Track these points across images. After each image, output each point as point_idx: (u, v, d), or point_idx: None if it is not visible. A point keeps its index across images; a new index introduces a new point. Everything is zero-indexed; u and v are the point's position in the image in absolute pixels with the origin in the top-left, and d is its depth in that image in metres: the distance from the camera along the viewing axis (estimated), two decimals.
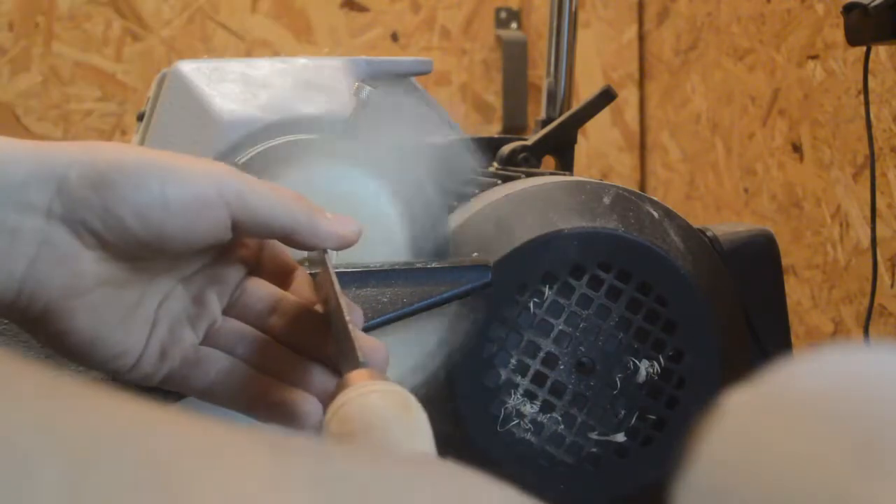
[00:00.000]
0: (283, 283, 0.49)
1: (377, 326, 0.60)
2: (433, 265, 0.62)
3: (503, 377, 0.66)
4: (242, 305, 0.47)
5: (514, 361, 0.66)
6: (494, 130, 1.93)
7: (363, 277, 0.60)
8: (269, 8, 1.87)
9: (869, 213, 1.08)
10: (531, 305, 0.66)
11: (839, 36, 1.27)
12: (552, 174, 0.80)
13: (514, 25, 1.96)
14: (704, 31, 1.74)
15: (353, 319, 0.43)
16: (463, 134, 0.91)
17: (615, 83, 1.92)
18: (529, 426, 0.66)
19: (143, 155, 0.43)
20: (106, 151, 0.42)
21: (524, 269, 0.66)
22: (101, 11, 1.80)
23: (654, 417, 0.68)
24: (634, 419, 0.67)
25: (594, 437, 0.67)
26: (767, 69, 1.56)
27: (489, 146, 0.89)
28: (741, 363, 0.70)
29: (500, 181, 0.77)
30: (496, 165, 0.87)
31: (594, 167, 1.96)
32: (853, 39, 0.97)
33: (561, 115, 1.00)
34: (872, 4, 0.92)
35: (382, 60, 0.84)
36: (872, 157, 1.09)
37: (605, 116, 1.92)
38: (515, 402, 0.66)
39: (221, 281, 0.47)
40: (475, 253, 0.67)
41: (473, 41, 1.95)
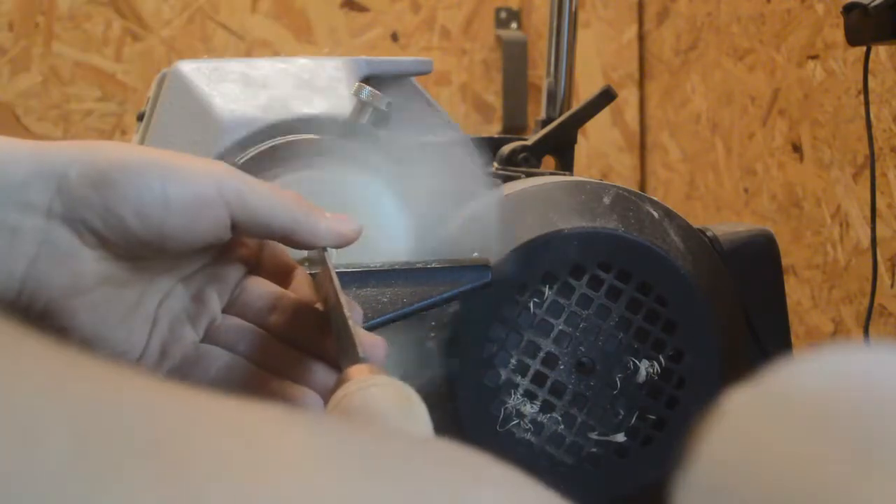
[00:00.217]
0: (282, 282, 0.49)
1: (377, 326, 0.60)
2: (433, 265, 0.62)
3: (503, 377, 0.66)
4: (242, 304, 0.47)
5: (514, 361, 0.66)
6: (494, 130, 1.93)
7: (363, 277, 0.60)
8: (269, 8, 1.87)
9: (869, 213, 1.08)
10: (531, 305, 0.66)
11: (839, 36, 1.27)
12: (552, 174, 0.80)
13: (514, 25, 1.96)
14: (704, 31, 1.74)
15: (352, 316, 0.43)
16: (463, 134, 0.92)
17: (615, 83, 1.92)
18: (529, 426, 0.66)
19: (143, 154, 0.43)
20: (106, 150, 0.42)
21: (524, 269, 0.66)
22: (101, 11, 1.80)
23: (654, 417, 0.68)
24: (634, 419, 0.67)
25: (594, 437, 0.67)
26: (767, 69, 1.56)
27: (489, 146, 0.89)
28: (741, 363, 0.70)
29: (500, 181, 0.77)
30: (496, 165, 0.87)
31: (594, 167, 1.96)
32: (853, 39, 0.97)
33: (561, 115, 1.00)
34: (872, 4, 0.92)
35: (382, 60, 0.84)
36: (872, 157, 1.09)
37: (605, 116, 1.92)
38: (515, 402, 0.66)
39: (221, 280, 0.47)
40: (475, 253, 0.67)
41: (473, 41, 1.95)
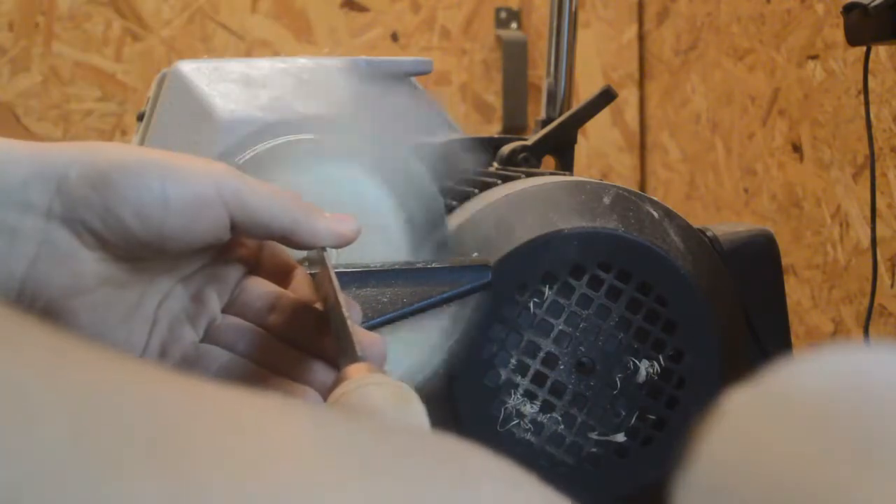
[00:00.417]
0: (282, 282, 0.49)
1: (377, 326, 0.60)
2: (433, 265, 0.62)
3: (503, 377, 0.66)
4: (242, 303, 0.47)
5: (514, 361, 0.66)
6: (494, 130, 1.93)
7: (363, 277, 0.60)
8: (269, 8, 1.87)
9: (869, 213, 1.08)
10: (531, 305, 0.66)
11: (839, 36, 1.27)
12: (552, 174, 0.80)
13: (514, 25, 1.96)
14: (704, 31, 1.74)
15: (351, 315, 0.43)
16: (463, 134, 0.92)
17: (615, 83, 1.92)
18: (529, 426, 0.66)
19: (142, 154, 0.43)
20: (106, 151, 0.42)
21: (524, 269, 0.66)
22: (101, 11, 1.80)
23: (654, 417, 0.68)
24: (634, 419, 0.67)
25: (594, 437, 0.67)
26: (767, 69, 1.56)
27: (489, 146, 0.89)
28: (741, 363, 0.70)
29: (500, 181, 0.77)
30: (496, 165, 0.87)
31: (594, 167, 1.96)
32: (853, 39, 0.97)
33: (561, 115, 1.00)
34: (872, 4, 0.92)
35: (382, 60, 0.84)
36: (872, 157, 1.09)
37: (605, 116, 1.92)
38: (515, 402, 0.66)
39: (221, 280, 0.47)
40: (475, 253, 0.67)
41: (473, 41, 1.95)
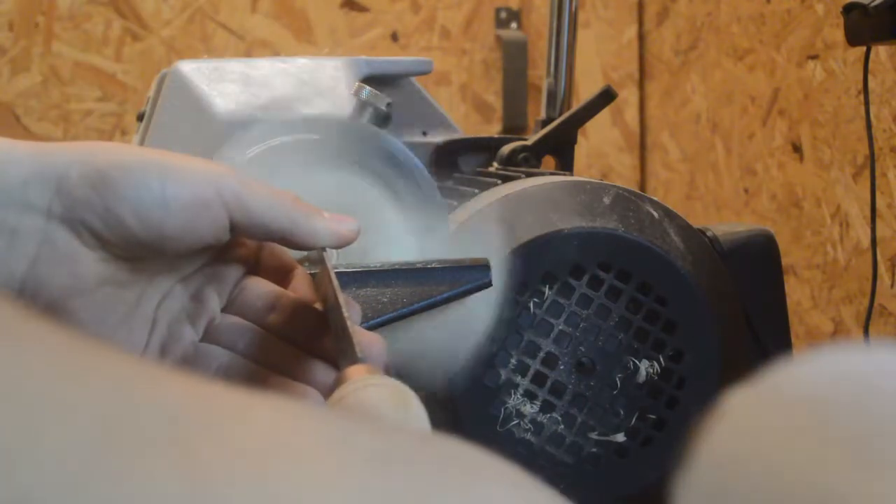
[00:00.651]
0: (282, 282, 0.49)
1: (377, 326, 0.60)
2: (433, 265, 0.62)
3: (503, 377, 0.66)
4: (241, 303, 0.47)
5: (514, 361, 0.66)
6: (494, 130, 1.93)
7: (363, 277, 0.60)
8: (269, 8, 1.87)
9: (869, 213, 1.08)
10: (531, 305, 0.66)
11: (839, 36, 1.27)
12: (552, 174, 0.80)
13: (514, 25, 1.96)
14: (704, 31, 1.74)
15: (351, 316, 0.43)
16: (463, 134, 0.92)
17: (615, 83, 1.92)
18: (529, 426, 0.66)
19: (142, 155, 0.43)
20: (106, 151, 0.42)
21: (524, 269, 0.66)
22: (101, 11, 1.80)
23: (654, 417, 0.68)
24: (634, 419, 0.67)
25: (594, 437, 0.67)
26: (767, 69, 1.56)
27: (489, 146, 0.89)
28: (741, 363, 0.70)
29: (500, 181, 0.77)
30: (496, 165, 0.87)
31: (594, 167, 1.96)
32: (853, 39, 0.97)
33: (561, 115, 1.00)
34: (872, 4, 0.92)
35: (382, 60, 0.84)
36: (872, 157, 1.09)
37: (605, 116, 1.92)
38: (515, 402, 0.66)
39: (220, 279, 0.47)
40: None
41: (473, 41, 1.95)
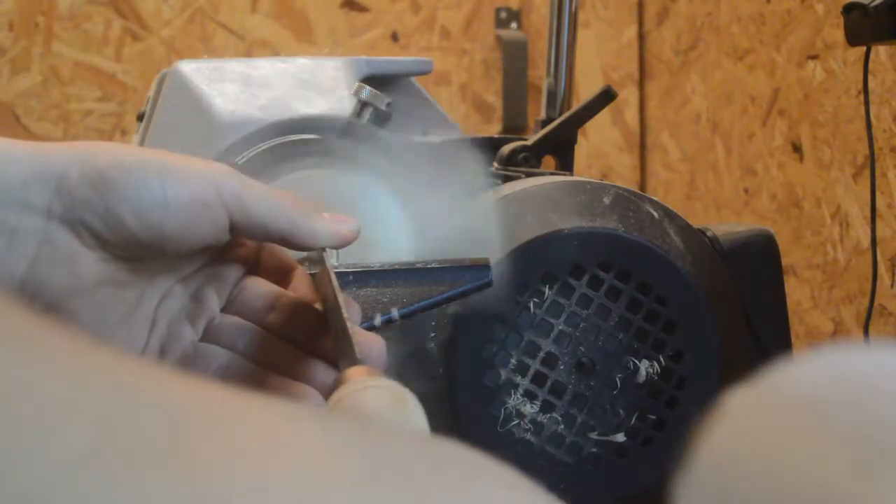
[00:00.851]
0: (282, 281, 0.49)
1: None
2: (433, 265, 0.62)
3: (503, 377, 0.66)
4: (241, 303, 0.47)
5: (514, 361, 0.66)
6: (494, 130, 1.93)
7: (363, 277, 0.60)
8: (269, 8, 1.87)
9: (869, 213, 1.08)
10: (531, 305, 0.66)
11: (839, 36, 1.27)
12: (552, 174, 0.80)
13: (514, 25, 1.96)
14: (704, 31, 1.74)
15: (350, 316, 0.43)
16: (463, 134, 0.92)
17: (615, 83, 1.92)
18: (529, 426, 0.66)
19: (142, 155, 0.43)
20: (105, 151, 0.42)
21: (524, 269, 0.66)
22: (101, 11, 1.80)
23: (654, 417, 0.68)
24: (634, 419, 0.67)
25: (594, 437, 0.67)
26: (767, 69, 1.56)
27: (489, 146, 0.89)
28: (741, 363, 0.70)
29: (500, 181, 0.77)
30: (496, 165, 0.87)
31: (594, 167, 1.96)
32: (853, 39, 0.97)
33: (561, 115, 1.00)
34: (872, 4, 0.92)
35: (382, 60, 0.84)
36: (872, 157, 1.09)
37: (605, 116, 1.92)
38: (515, 402, 0.66)
39: (220, 279, 0.47)
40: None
41: (473, 41, 1.95)
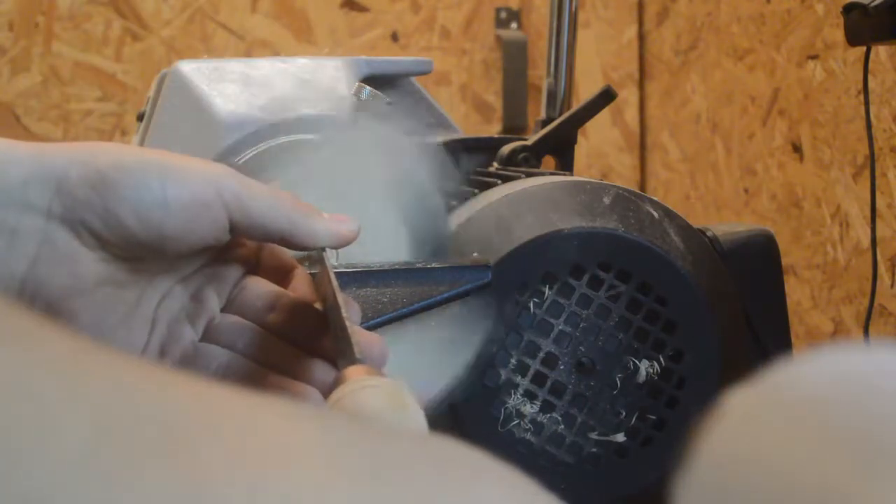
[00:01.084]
0: (282, 281, 0.49)
1: (377, 326, 0.60)
2: (433, 265, 0.62)
3: (503, 377, 0.66)
4: (241, 303, 0.47)
5: (514, 361, 0.66)
6: (494, 130, 1.93)
7: (363, 277, 0.60)
8: (269, 8, 1.87)
9: (869, 213, 1.08)
10: (531, 305, 0.66)
11: (839, 36, 1.27)
12: (552, 174, 0.80)
13: (514, 25, 1.96)
14: (704, 31, 1.74)
15: (350, 316, 0.43)
16: (463, 134, 0.92)
17: (615, 83, 1.92)
18: (529, 426, 0.66)
19: (142, 155, 0.43)
20: (105, 151, 0.42)
21: (524, 269, 0.66)
22: (101, 11, 1.80)
23: (654, 417, 0.68)
24: (634, 419, 0.67)
25: (594, 437, 0.67)
26: (767, 69, 1.56)
27: (489, 146, 0.89)
28: (741, 363, 0.70)
29: (500, 181, 0.77)
30: (496, 165, 0.87)
31: (594, 167, 1.96)
32: (853, 39, 0.97)
33: (561, 115, 1.00)
34: (872, 4, 0.92)
35: (382, 60, 0.84)
36: (872, 157, 1.09)
37: (605, 116, 1.92)
38: (515, 402, 0.66)
39: (220, 279, 0.47)
40: (475, 253, 0.67)
41: (473, 41, 1.95)
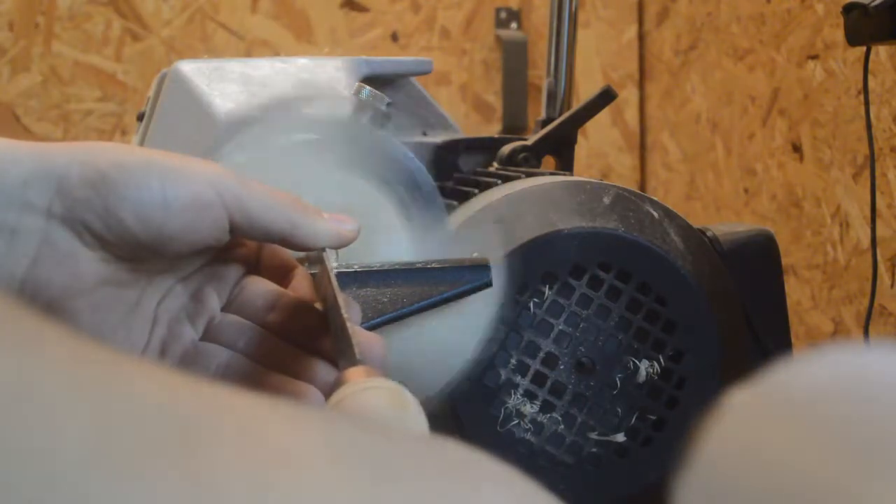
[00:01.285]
0: (282, 281, 0.49)
1: (377, 326, 0.60)
2: (433, 265, 0.62)
3: (503, 377, 0.66)
4: (241, 302, 0.47)
5: (514, 361, 0.66)
6: (494, 130, 1.93)
7: (363, 277, 0.60)
8: (269, 8, 1.87)
9: (869, 213, 1.08)
10: (531, 305, 0.66)
11: (839, 36, 1.27)
12: (552, 174, 0.80)
13: (514, 25, 1.96)
14: (704, 31, 1.74)
15: (350, 316, 0.43)
16: (463, 134, 0.92)
17: (615, 83, 1.92)
18: (529, 426, 0.66)
19: (142, 155, 0.43)
20: (106, 151, 0.42)
21: (524, 269, 0.66)
22: (101, 11, 1.80)
23: (654, 417, 0.68)
24: (634, 419, 0.67)
25: (594, 437, 0.67)
26: (767, 69, 1.56)
27: (489, 146, 0.89)
28: (741, 363, 0.70)
29: (500, 181, 0.77)
30: (496, 165, 0.87)
31: (594, 167, 1.96)
32: (853, 39, 0.97)
33: (561, 115, 1.00)
34: (872, 4, 0.92)
35: (382, 60, 0.84)
36: (872, 157, 1.09)
37: (605, 116, 1.92)
38: (515, 402, 0.66)
39: (220, 279, 0.47)
40: (475, 253, 0.67)
41: (473, 41, 1.95)
